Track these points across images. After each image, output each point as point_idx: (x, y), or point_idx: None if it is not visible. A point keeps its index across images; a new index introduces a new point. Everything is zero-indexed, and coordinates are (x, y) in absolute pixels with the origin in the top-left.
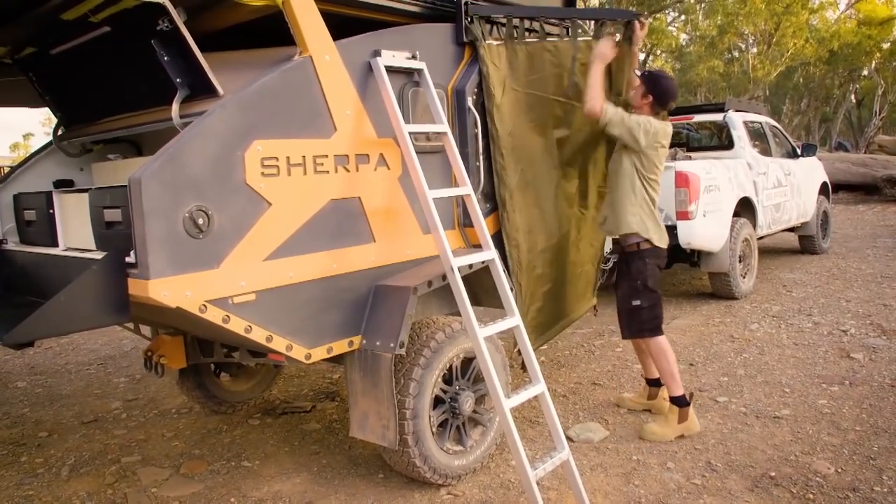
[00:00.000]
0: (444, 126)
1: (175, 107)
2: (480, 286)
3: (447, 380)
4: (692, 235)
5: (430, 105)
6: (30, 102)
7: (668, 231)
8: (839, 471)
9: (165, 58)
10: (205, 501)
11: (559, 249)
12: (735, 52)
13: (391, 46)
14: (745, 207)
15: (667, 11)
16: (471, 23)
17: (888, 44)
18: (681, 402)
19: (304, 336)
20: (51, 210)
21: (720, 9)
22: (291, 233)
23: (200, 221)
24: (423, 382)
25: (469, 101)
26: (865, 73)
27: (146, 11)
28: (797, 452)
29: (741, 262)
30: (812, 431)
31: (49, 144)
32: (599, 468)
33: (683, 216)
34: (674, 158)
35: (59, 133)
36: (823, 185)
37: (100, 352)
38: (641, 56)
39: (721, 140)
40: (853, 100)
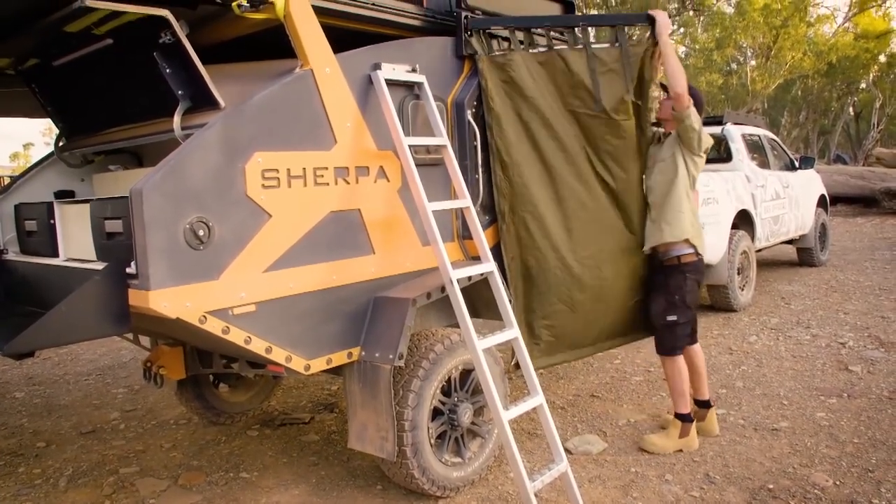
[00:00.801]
0: (444, 139)
1: (177, 118)
2: (479, 298)
3: (446, 391)
4: None
5: (430, 118)
6: (31, 113)
7: None
8: (837, 483)
9: (167, 70)
10: None
11: (576, 269)
12: (733, 65)
13: (391, 59)
14: (744, 220)
15: None
16: (470, 36)
17: (885, 57)
18: (685, 419)
19: (304, 347)
20: (52, 220)
21: (718, 22)
22: (291, 244)
23: (201, 233)
24: (422, 394)
25: (468, 114)
26: (863, 86)
27: (149, 24)
28: (795, 465)
29: (739, 275)
30: (810, 444)
31: (50, 155)
32: (598, 480)
33: None
34: None
35: (61, 144)
36: (822, 198)
37: (98, 362)
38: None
39: (719, 153)
40: (851, 112)
